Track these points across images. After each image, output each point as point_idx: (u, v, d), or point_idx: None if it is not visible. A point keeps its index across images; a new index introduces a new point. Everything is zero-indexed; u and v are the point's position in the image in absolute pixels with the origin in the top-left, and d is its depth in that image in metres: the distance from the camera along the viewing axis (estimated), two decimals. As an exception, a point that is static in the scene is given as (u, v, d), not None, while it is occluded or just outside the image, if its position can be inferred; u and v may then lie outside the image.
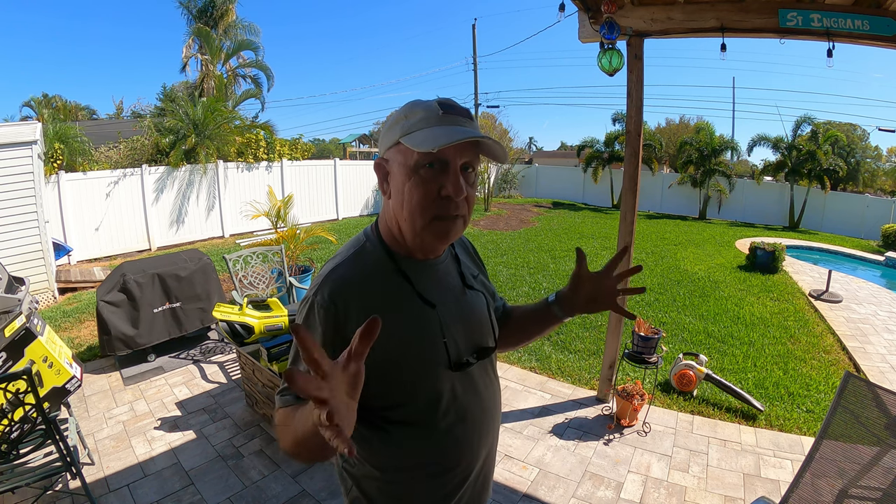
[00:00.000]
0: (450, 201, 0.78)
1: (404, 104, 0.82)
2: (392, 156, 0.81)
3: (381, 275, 0.83)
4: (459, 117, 0.78)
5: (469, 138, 0.73)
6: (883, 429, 1.45)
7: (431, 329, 0.84)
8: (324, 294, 0.79)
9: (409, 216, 0.79)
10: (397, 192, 0.80)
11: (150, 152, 9.60)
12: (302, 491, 2.31)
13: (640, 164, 2.98)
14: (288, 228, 5.44)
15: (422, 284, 0.85)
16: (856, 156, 20.27)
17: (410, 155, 0.76)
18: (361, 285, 0.80)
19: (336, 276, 0.81)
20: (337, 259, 0.85)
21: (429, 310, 0.84)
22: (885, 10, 2.18)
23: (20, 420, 1.89)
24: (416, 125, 0.76)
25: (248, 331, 2.60)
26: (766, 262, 7.19)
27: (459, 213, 0.80)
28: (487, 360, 0.95)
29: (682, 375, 3.27)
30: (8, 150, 5.11)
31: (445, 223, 0.80)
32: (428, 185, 0.77)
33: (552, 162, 23.14)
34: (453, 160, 0.77)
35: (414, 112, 0.78)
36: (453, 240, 0.85)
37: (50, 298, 5.54)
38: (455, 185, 0.77)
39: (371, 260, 0.84)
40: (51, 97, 17.57)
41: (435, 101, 0.79)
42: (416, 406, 0.82)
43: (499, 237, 9.70)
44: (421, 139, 0.74)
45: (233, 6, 15.98)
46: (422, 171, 0.77)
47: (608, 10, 2.57)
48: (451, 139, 0.72)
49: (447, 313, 0.86)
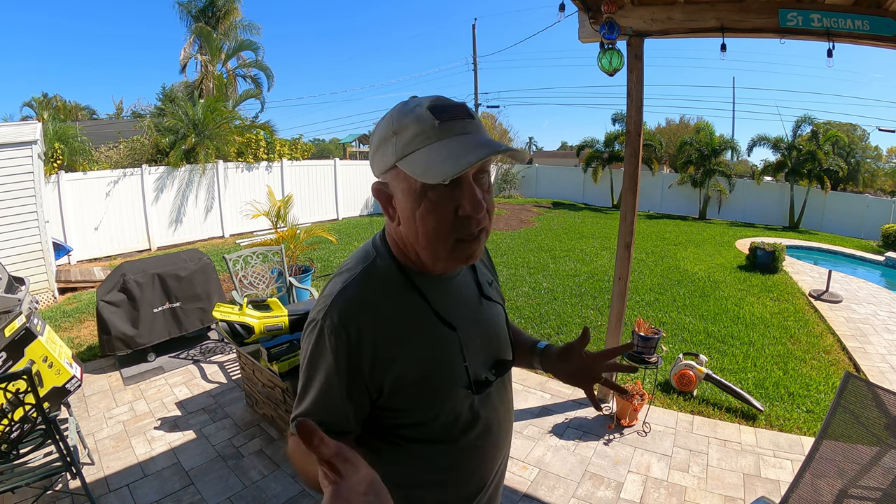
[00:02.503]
0: (470, 220, 0.69)
1: (388, 115, 0.70)
2: (392, 180, 0.71)
3: (395, 294, 0.75)
4: (458, 122, 0.66)
5: (483, 159, 0.62)
6: (883, 429, 1.45)
7: (451, 352, 0.78)
8: (333, 318, 0.71)
9: (427, 245, 0.70)
10: (408, 219, 0.70)
11: (149, 152, 9.61)
12: (302, 491, 2.31)
13: (640, 164, 2.98)
14: (288, 228, 5.44)
15: (439, 302, 0.78)
16: (856, 156, 20.29)
17: (413, 179, 0.66)
18: (375, 307, 0.73)
19: (346, 297, 0.73)
20: (344, 276, 0.76)
21: (448, 331, 0.78)
22: (885, 10, 2.18)
23: (20, 420, 1.89)
24: (412, 144, 0.65)
25: (248, 331, 2.60)
26: (766, 262, 7.19)
27: (482, 226, 0.71)
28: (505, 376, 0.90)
29: (682, 375, 3.27)
30: (8, 150, 5.11)
31: (470, 244, 0.71)
32: (442, 207, 0.67)
33: (552, 162, 23.13)
34: (466, 173, 0.67)
35: (404, 126, 0.66)
36: (476, 259, 0.76)
37: (50, 298, 5.54)
38: (473, 202, 0.67)
39: (383, 277, 0.76)
40: (51, 97, 17.56)
41: (425, 109, 0.66)
42: (435, 425, 0.78)
43: (499, 237, 9.70)
44: (424, 166, 0.64)
45: (237, 5, 15.99)
46: (430, 195, 0.67)
47: (608, 10, 2.57)
48: (462, 164, 0.61)
49: (467, 333, 0.80)
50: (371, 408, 0.77)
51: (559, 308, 5.22)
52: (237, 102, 12.97)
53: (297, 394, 0.79)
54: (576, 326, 4.64)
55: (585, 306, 5.30)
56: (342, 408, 0.74)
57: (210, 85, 14.50)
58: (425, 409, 0.77)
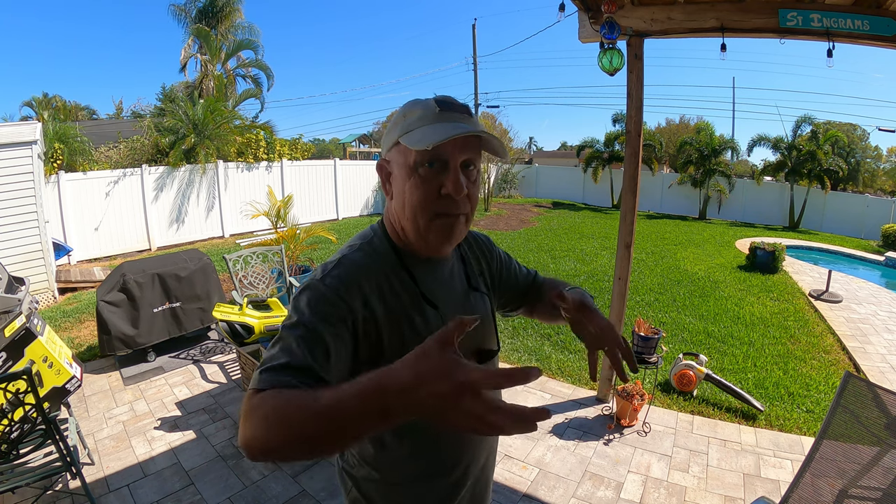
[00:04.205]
0: (451, 200, 0.77)
1: (405, 104, 0.81)
2: (393, 157, 0.80)
3: (389, 269, 0.82)
4: (457, 114, 0.77)
5: (463, 133, 0.72)
6: (883, 429, 1.45)
7: (432, 329, 0.81)
8: (333, 279, 0.75)
9: (410, 216, 0.78)
10: (398, 192, 0.80)
11: (149, 152, 9.61)
12: (302, 491, 2.31)
13: (640, 165, 2.98)
14: (288, 228, 5.44)
15: (426, 284, 0.84)
16: (856, 156, 20.31)
17: (409, 154, 0.76)
18: (372, 275, 0.79)
19: (345, 263, 0.79)
20: (344, 250, 0.83)
21: (431, 311, 0.83)
22: (885, 10, 2.18)
23: (20, 420, 1.89)
24: (414, 124, 0.76)
25: (248, 331, 2.60)
26: (766, 262, 7.19)
27: (461, 211, 0.79)
28: (490, 363, 0.94)
29: (682, 375, 3.27)
30: (8, 150, 5.11)
31: (448, 220, 0.79)
32: (428, 184, 0.76)
33: (552, 162, 23.14)
34: (453, 158, 0.76)
35: (412, 111, 0.78)
36: (459, 240, 0.84)
37: (50, 298, 5.54)
38: (455, 183, 0.76)
39: (379, 253, 0.83)
40: (51, 97, 17.53)
41: (432, 99, 0.79)
42: None
43: (499, 237, 9.70)
44: (417, 137, 0.74)
45: (240, 7, 16.00)
46: (421, 171, 0.76)
47: (608, 10, 2.57)
48: (446, 135, 0.71)
49: (450, 315, 0.84)
50: (349, 374, 0.72)
51: (559, 308, 5.21)
52: (237, 102, 12.96)
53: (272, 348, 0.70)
54: (576, 326, 4.64)
55: (585, 306, 5.30)
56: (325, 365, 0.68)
57: (210, 85, 14.49)
58: None
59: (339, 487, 0.95)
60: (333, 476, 2.36)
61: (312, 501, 2.25)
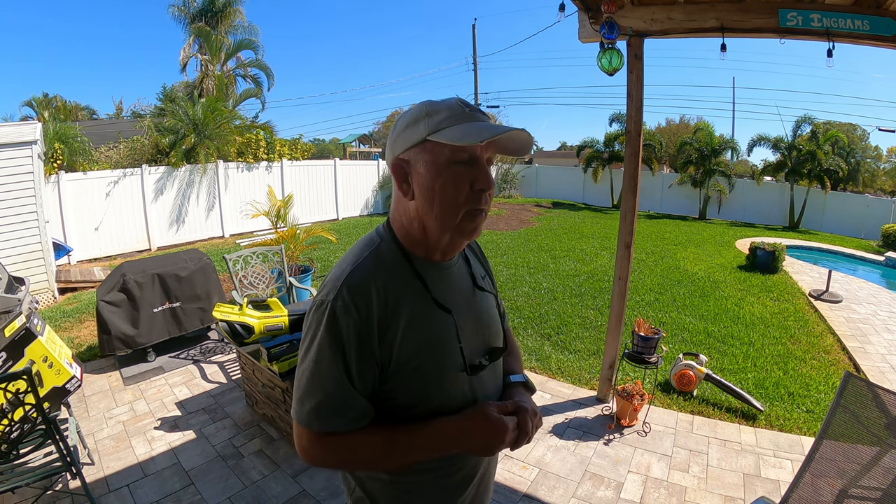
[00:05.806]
0: (482, 195, 0.80)
1: (419, 104, 0.81)
2: (415, 155, 0.79)
3: (398, 277, 0.81)
4: (480, 114, 0.80)
5: (507, 131, 0.75)
6: (883, 429, 1.45)
7: (448, 334, 0.83)
8: (344, 297, 0.76)
9: (441, 213, 0.79)
10: (426, 190, 0.79)
11: (150, 152, 9.60)
12: (302, 491, 2.31)
13: (640, 165, 2.98)
14: (288, 228, 5.44)
15: (437, 289, 0.84)
16: (856, 156, 20.27)
17: (441, 152, 0.77)
18: (382, 287, 0.78)
19: (355, 277, 0.78)
20: (351, 260, 0.82)
21: (445, 315, 0.83)
22: (885, 10, 2.18)
23: (20, 420, 1.89)
24: (444, 122, 0.76)
25: (248, 331, 2.59)
26: (766, 262, 7.19)
27: (488, 206, 0.82)
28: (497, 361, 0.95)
29: (682, 375, 3.27)
30: (8, 150, 5.11)
31: (476, 219, 0.81)
32: (462, 180, 0.78)
33: (552, 162, 23.13)
34: (481, 155, 0.79)
35: (436, 111, 0.78)
36: (477, 236, 0.86)
37: (50, 298, 5.54)
38: (487, 178, 0.79)
39: (387, 261, 0.82)
40: (51, 97, 17.51)
41: (455, 100, 0.80)
42: (428, 408, 0.82)
43: (499, 237, 9.70)
44: (461, 133, 0.74)
45: (240, 7, 16.01)
46: (454, 167, 0.77)
47: (608, 10, 2.57)
48: (494, 132, 0.74)
49: (461, 317, 0.86)
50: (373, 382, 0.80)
51: (559, 308, 5.22)
52: (237, 102, 12.96)
53: (303, 377, 0.79)
54: (576, 326, 4.64)
55: (585, 306, 5.30)
56: (359, 386, 0.78)
57: (210, 84, 14.49)
58: (421, 389, 0.81)
59: (339, 487, 0.95)
60: (333, 476, 2.36)
61: (312, 501, 2.25)
